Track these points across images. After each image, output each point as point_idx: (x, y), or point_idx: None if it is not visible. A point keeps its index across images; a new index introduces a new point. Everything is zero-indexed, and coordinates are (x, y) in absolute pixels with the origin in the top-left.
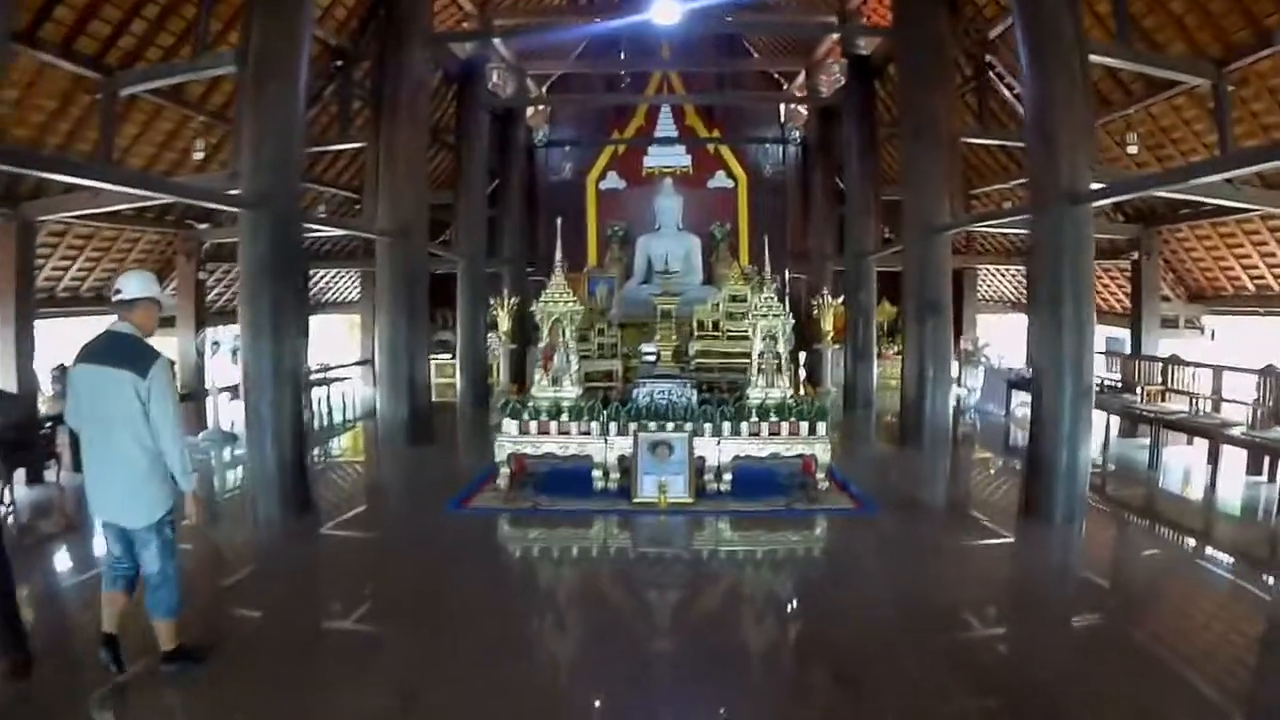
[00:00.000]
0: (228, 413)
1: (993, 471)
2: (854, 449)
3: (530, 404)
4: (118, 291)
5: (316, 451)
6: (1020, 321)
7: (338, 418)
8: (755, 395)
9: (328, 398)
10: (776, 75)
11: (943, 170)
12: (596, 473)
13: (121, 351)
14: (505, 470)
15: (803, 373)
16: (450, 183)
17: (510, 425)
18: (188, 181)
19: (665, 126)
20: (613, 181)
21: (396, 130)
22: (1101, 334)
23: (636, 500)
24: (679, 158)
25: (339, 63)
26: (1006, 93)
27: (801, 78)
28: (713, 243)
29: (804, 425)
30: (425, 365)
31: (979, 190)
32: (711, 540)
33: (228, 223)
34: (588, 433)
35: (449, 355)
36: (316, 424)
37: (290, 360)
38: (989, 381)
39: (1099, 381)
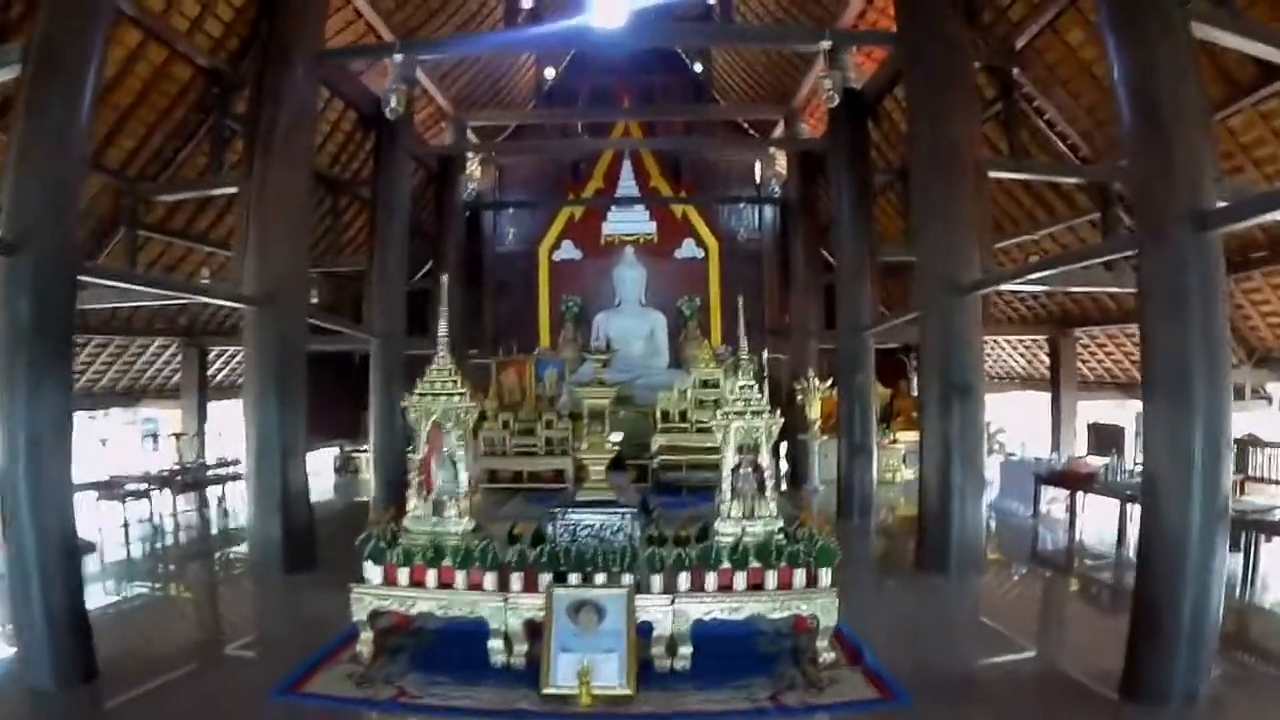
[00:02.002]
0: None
1: (1057, 611)
2: (859, 579)
3: (401, 541)
4: None
5: (151, 582)
6: (1035, 400)
7: (220, 528)
8: (728, 530)
9: (220, 500)
10: (749, 127)
11: (967, 212)
12: (495, 642)
13: None
14: (366, 634)
15: (784, 466)
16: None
17: (373, 571)
18: None
19: (627, 188)
20: (568, 251)
21: (270, 169)
22: (1130, 407)
23: (546, 691)
24: (642, 224)
25: (215, 90)
26: (1038, 119)
27: (780, 128)
28: (680, 320)
29: (799, 573)
30: (302, 467)
31: (1001, 243)
32: None
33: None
34: (479, 585)
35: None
36: (180, 537)
37: (54, 462)
38: (1009, 475)
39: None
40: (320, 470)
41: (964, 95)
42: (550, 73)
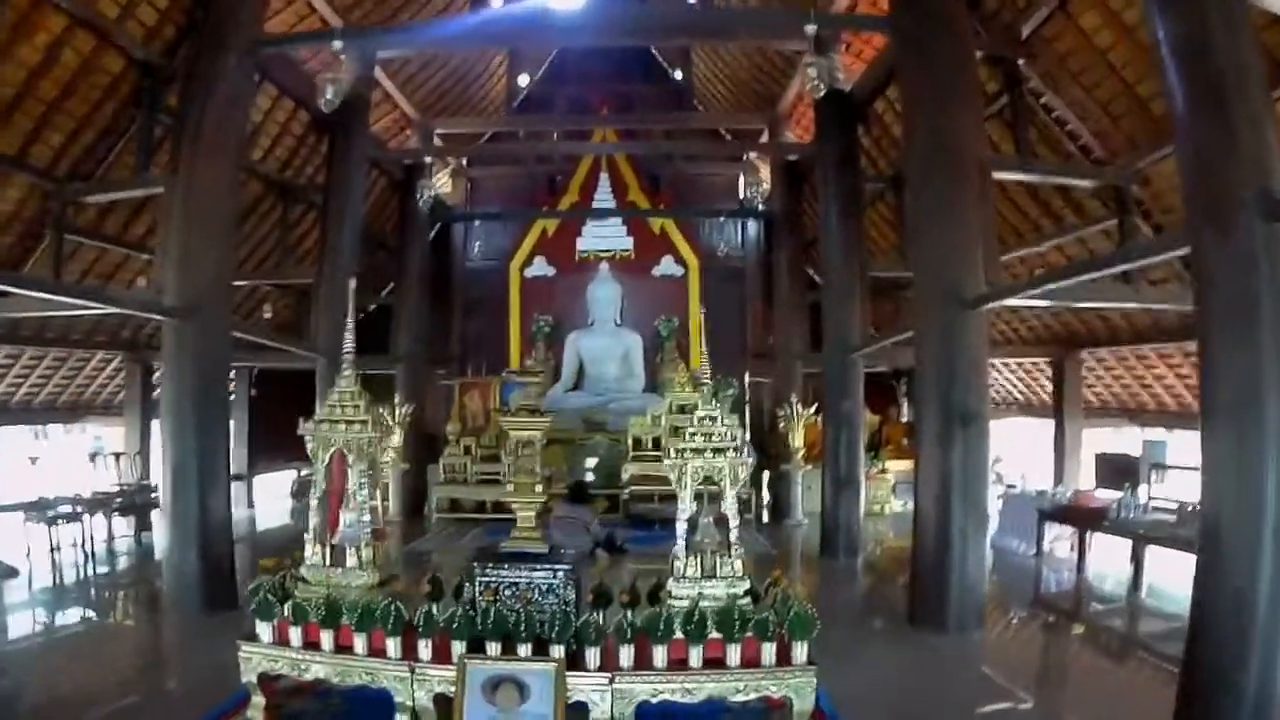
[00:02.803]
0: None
1: (1075, 677)
2: (842, 638)
3: (296, 594)
4: None
5: (54, 616)
6: (1035, 428)
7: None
8: (682, 593)
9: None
10: (731, 137)
11: (971, 217)
12: (401, 718)
13: None
14: (258, 699)
15: (766, 497)
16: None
17: (263, 628)
18: None
19: (604, 202)
20: (540, 268)
21: (197, 167)
22: (1132, 436)
23: None
24: (619, 240)
25: (149, 81)
26: (1046, 116)
27: (764, 136)
28: (658, 341)
29: (768, 647)
30: (224, 496)
31: (1003, 257)
32: None
33: None
34: (382, 651)
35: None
36: (108, 565)
37: None
38: (1009, 509)
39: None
40: (278, 494)
41: (965, 87)
42: (524, 80)
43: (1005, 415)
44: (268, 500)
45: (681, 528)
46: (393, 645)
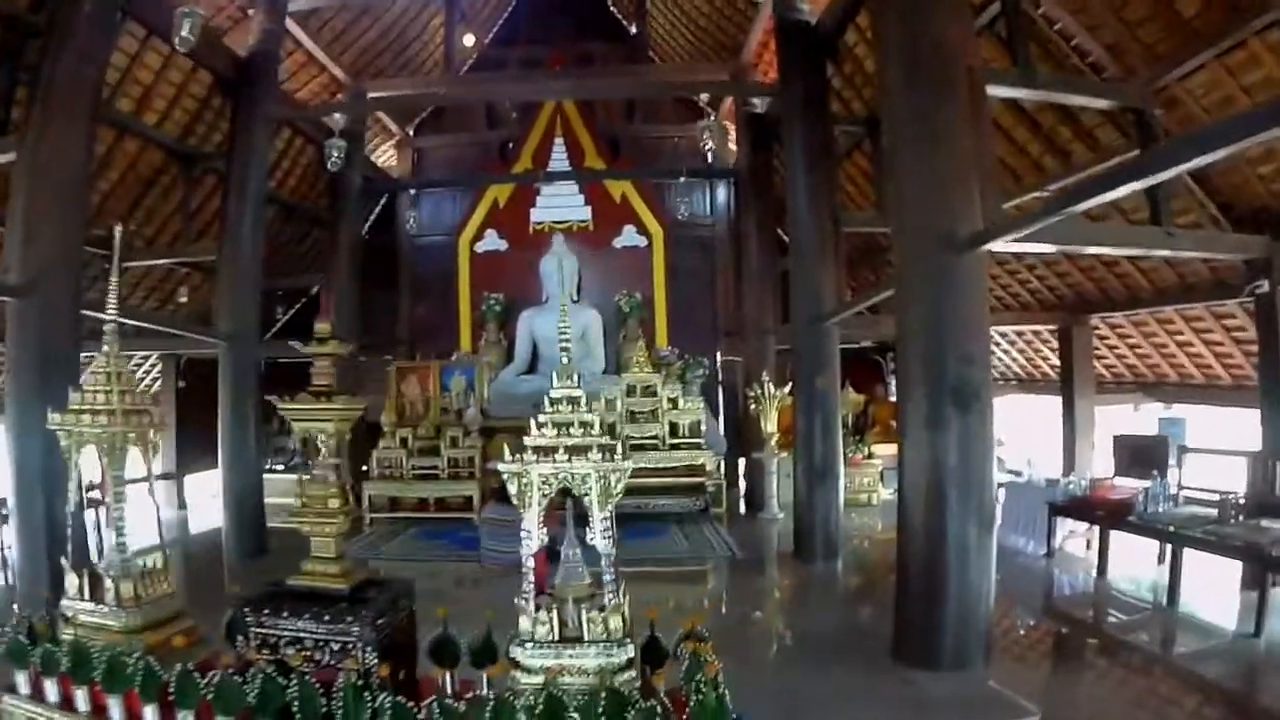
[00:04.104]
0: None
1: None
2: (810, 674)
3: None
4: None
5: None
6: (1038, 406)
7: None
8: (532, 664)
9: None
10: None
11: (962, 139)
12: None
13: None
14: None
15: (744, 487)
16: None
17: (20, 679)
18: None
19: (559, 167)
20: (491, 242)
21: (48, 127)
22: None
23: None
24: (576, 210)
25: (8, 35)
26: (1048, 29)
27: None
28: (620, 318)
29: None
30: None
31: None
32: None
33: None
34: (139, 717)
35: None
36: None
37: None
38: (1014, 502)
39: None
40: (212, 496)
41: None
42: (470, 41)
43: (1004, 392)
44: (205, 501)
45: (528, 565)
46: (151, 713)
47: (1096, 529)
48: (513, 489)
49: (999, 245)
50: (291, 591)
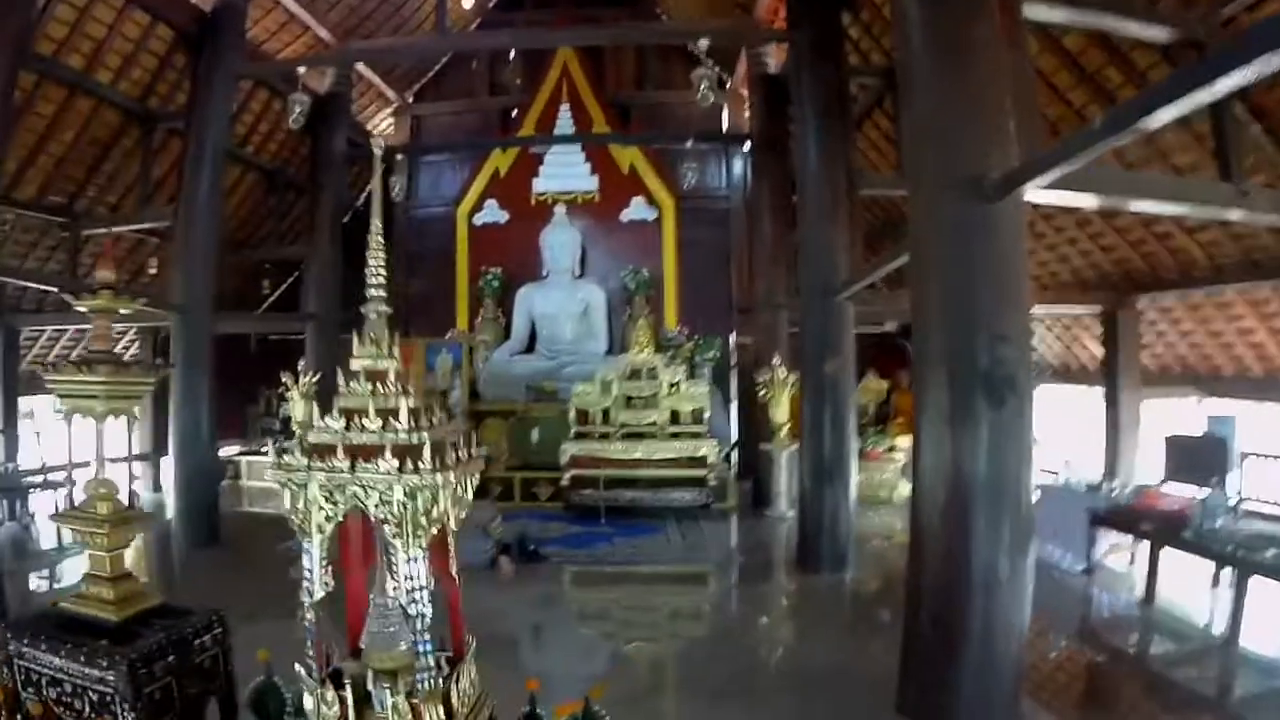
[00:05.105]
0: None
1: None
2: None
3: None
4: None
5: None
6: (1075, 399)
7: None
8: None
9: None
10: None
11: (996, 59)
12: None
13: None
14: None
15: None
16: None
17: None
18: None
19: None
20: (491, 213)
21: None
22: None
23: None
24: (582, 179)
25: None
26: None
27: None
28: (626, 296)
29: None
30: None
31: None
32: None
33: None
34: None
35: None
36: None
37: None
38: (1048, 509)
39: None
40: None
41: None
42: (469, 2)
43: (1038, 382)
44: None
45: (310, 614)
46: None
47: (1144, 544)
48: (285, 503)
49: (1039, 196)
50: (60, 617)
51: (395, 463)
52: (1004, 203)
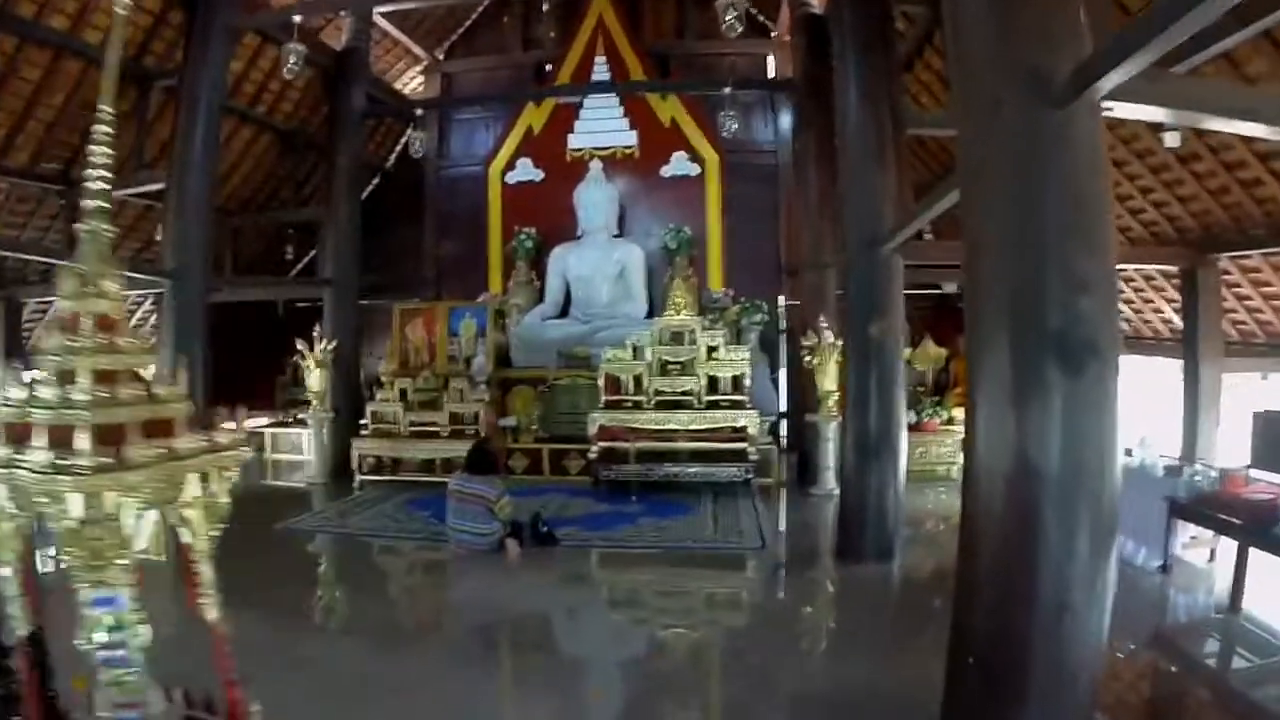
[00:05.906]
0: None
1: None
2: None
3: None
4: None
5: None
6: (1148, 371)
7: None
8: None
9: None
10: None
11: None
12: None
13: None
14: None
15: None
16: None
17: None
18: None
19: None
20: (525, 171)
21: None
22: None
23: None
24: (620, 134)
25: None
26: None
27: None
28: (667, 256)
29: None
30: None
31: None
32: None
33: None
34: None
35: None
36: None
37: None
38: (1123, 494)
39: None
40: None
41: None
42: None
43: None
44: None
45: None
46: None
47: (1233, 540)
48: None
49: (1123, 108)
50: None
51: (49, 453)
52: (1076, 107)
